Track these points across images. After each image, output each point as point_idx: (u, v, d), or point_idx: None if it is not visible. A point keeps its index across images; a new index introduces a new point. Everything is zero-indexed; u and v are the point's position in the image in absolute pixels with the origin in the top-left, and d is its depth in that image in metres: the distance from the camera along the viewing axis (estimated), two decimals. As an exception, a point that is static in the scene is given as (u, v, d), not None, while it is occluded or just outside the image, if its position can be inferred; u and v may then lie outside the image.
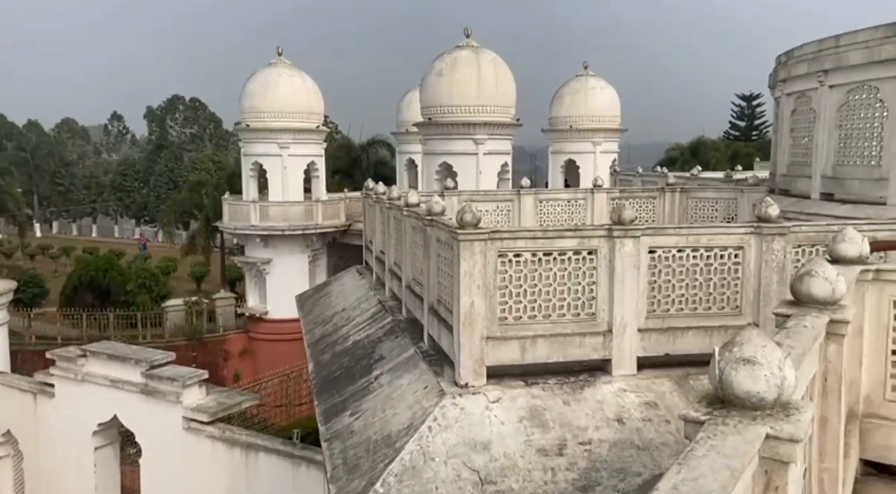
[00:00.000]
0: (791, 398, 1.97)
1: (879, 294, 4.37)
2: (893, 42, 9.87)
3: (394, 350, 8.56)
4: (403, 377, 7.53)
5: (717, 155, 54.39)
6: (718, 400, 2.07)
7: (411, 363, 7.73)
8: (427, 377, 7.08)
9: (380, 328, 9.72)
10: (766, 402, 1.94)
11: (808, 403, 2.03)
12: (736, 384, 1.98)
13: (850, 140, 11.09)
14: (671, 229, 7.10)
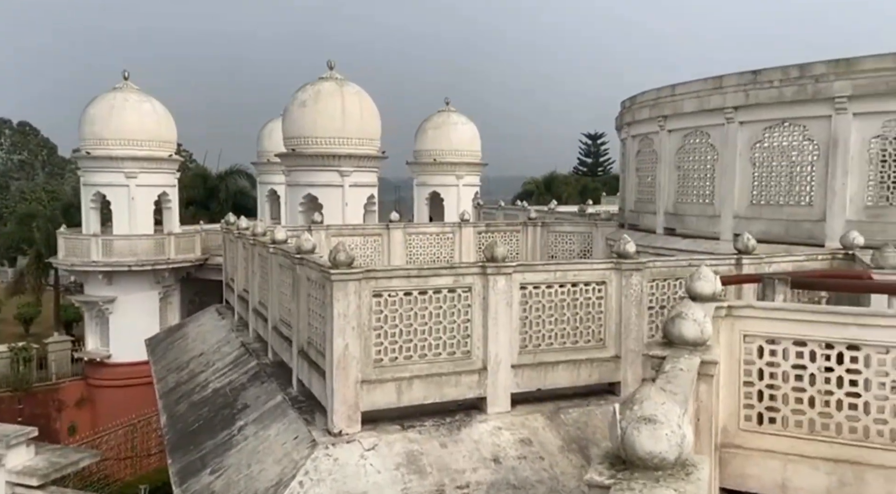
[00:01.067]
0: (688, 455, 1.95)
1: (731, 329, 4.70)
2: (719, 93, 11.12)
3: (260, 398, 7.95)
4: (271, 428, 6.98)
5: (569, 189, 58.25)
6: (620, 460, 2.00)
7: (279, 412, 7.20)
8: (297, 426, 6.61)
9: (243, 374, 9.02)
10: (668, 462, 1.90)
11: (703, 459, 2.04)
12: (638, 444, 1.93)
13: (687, 180, 12.25)
14: (541, 265, 7.30)
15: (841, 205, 9.86)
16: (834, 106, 9.77)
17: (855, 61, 9.59)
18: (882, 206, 9.66)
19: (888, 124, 9.50)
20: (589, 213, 18.07)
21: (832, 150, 9.89)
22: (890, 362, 4.27)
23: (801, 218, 10.33)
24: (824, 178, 10.01)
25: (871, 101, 9.50)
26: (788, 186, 10.54)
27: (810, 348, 4.48)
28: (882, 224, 9.59)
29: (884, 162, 9.62)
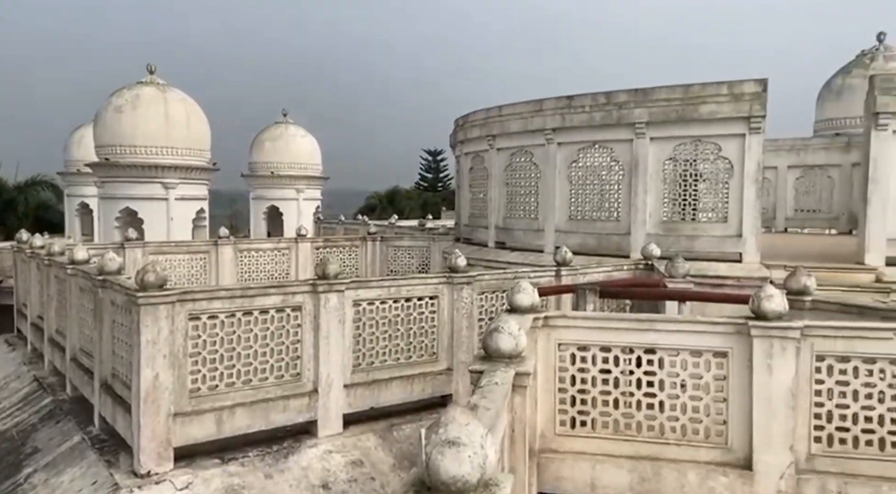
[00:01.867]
0: (491, 474, 1.95)
1: (548, 339, 4.97)
2: (540, 115, 11.91)
3: (53, 440, 6.97)
4: (65, 473, 6.13)
5: (411, 203, 59.23)
6: (426, 487, 1.96)
7: (77, 454, 6.36)
8: (97, 469, 5.87)
9: (35, 413, 7.87)
10: (470, 485, 1.89)
11: (507, 477, 2.06)
12: (442, 469, 1.89)
13: (515, 196, 12.94)
14: (374, 281, 7.22)
15: (642, 220, 10.97)
16: (635, 131, 10.89)
17: (650, 91, 10.77)
18: (675, 220, 10.90)
19: (678, 148, 10.77)
20: (428, 227, 18.43)
21: (634, 170, 10.99)
22: (679, 363, 4.75)
23: (610, 232, 11.33)
24: (628, 195, 11.09)
25: (664, 127, 10.72)
26: (600, 202, 11.53)
27: (614, 353, 4.85)
28: (676, 237, 10.81)
29: (675, 182, 10.88)
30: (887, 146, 9.78)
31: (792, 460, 4.45)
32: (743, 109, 10.16)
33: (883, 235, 9.87)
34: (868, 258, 9.90)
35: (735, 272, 10.07)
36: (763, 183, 21.19)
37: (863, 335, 4.48)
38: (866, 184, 9.96)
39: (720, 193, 10.58)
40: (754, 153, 10.22)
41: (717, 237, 10.59)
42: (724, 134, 10.41)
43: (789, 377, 4.49)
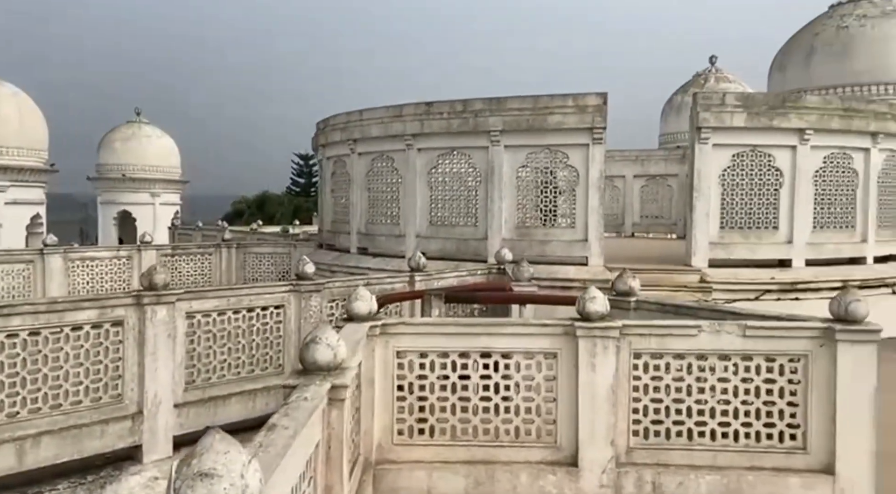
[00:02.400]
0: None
1: (386, 346, 4.87)
2: (400, 121, 11.90)
3: None
4: None
5: (282, 209, 57.29)
6: (175, 526, 1.73)
7: None
8: None
9: None
10: (224, 519, 1.70)
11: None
12: (190, 505, 1.68)
13: (377, 202, 12.82)
14: (211, 291, 6.76)
15: (498, 225, 11.27)
16: (490, 138, 11.18)
17: (504, 101, 11.12)
18: (529, 226, 11.32)
19: (530, 156, 11.20)
20: (291, 233, 17.82)
21: (490, 176, 11.28)
22: (513, 366, 4.83)
23: (469, 237, 11.54)
24: (486, 201, 11.36)
25: (517, 135, 11.10)
26: (459, 208, 11.71)
27: (452, 358, 4.84)
28: (529, 242, 11.22)
29: (528, 188, 11.30)
30: (708, 158, 10.77)
31: (613, 454, 4.66)
32: (586, 121, 10.76)
33: (706, 239, 10.84)
34: (694, 261, 10.83)
35: (582, 275, 10.62)
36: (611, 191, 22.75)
37: (673, 332, 4.80)
38: (692, 192, 10.89)
39: (568, 199, 11.12)
40: (597, 162, 10.85)
41: (566, 242, 11.11)
42: (570, 144, 10.95)
43: (610, 375, 4.71)
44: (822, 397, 4.61)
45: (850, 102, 11.17)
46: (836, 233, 11.15)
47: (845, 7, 23.64)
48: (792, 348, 4.70)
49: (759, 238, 10.93)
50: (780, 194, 10.88)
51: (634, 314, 6.16)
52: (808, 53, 23.63)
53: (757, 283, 10.53)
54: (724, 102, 10.70)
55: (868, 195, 11.26)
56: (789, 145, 10.80)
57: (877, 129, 11.12)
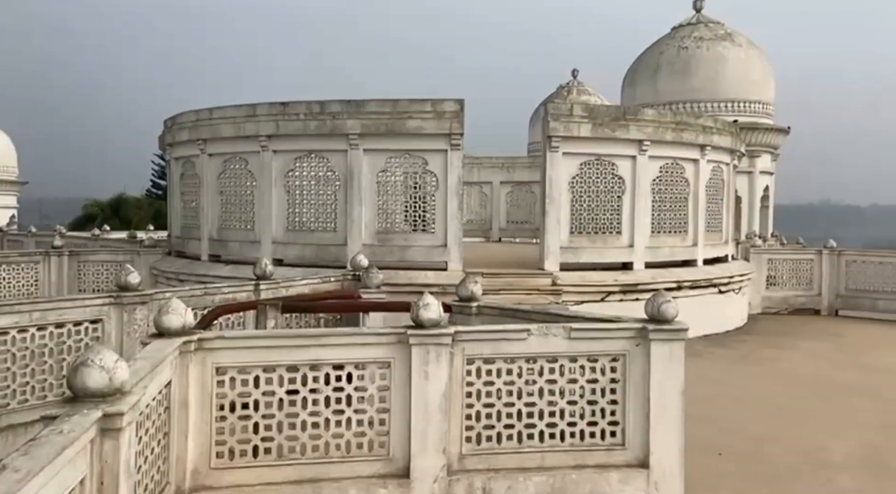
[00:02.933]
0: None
1: (203, 363, 4.49)
2: (254, 121, 11.34)
3: None
4: None
5: (141, 213, 53.18)
6: None
7: None
8: None
9: None
10: None
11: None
12: None
13: (230, 206, 12.12)
14: (7, 305, 5.95)
15: (358, 230, 11.06)
16: (349, 141, 10.95)
17: (362, 103, 10.94)
18: (390, 231, 11.20)
19: (390, 161, 11.09)
20: (139, 240, 16.46)
21: (350, 181, 11.04)
22: (345, 377, 4.63)
23: (328, 243, 11.22)
24: (345, 206, 11.10)
25: (376, 139, 10.96)
26: (317, 213, 11.35)
27: (278, 373, 4.56)
28: (390, 247, 11.10)
29: (388, 193, 11.18)
30: (559, 166, 11.25)
31: (445, 462, 4.61)
32: (444, 127, 10.84)
33: (557, 244, 11.30)
34: (546, 265, 11.25)
35: (441, 280, 10.66)
36: (480, 197, 23.26)
37: (505, 336, 4.84)
38: (544, 199, 11.32)
39: (428, 205, 11.13)
40: (456, 168, 10.96)
41: (426, 247, 11.11)
42: (429, 149, 10.98)
43: (444, 382, 4.65)
44: (639, 394, 4.84)
45: (682, 116, 12.17)
46: (671, 237, 12.06)
47: (685, 29, 25.90)
48: (612, 348, 4.90)
49: (604, 243, 11.57)
50: (622, 201, 11.58)
51: (477, 318, 6.19)
52: (655, 71, 25.62)
53: (602, 285, 11.12)
54: (572, 112, 11.23)
55: (698, 203, 12.30)
56: (630, 155, 11.54)
57: (704, 141, 12.18)
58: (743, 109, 24.79)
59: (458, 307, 6.24)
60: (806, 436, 6.56)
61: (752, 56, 25.42)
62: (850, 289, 14.34)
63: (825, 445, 6.32)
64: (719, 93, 24.40)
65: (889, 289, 13.81)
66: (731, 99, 24.39)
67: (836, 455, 6.11)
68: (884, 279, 13.87)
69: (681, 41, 25.76)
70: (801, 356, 10.44)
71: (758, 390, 8.37)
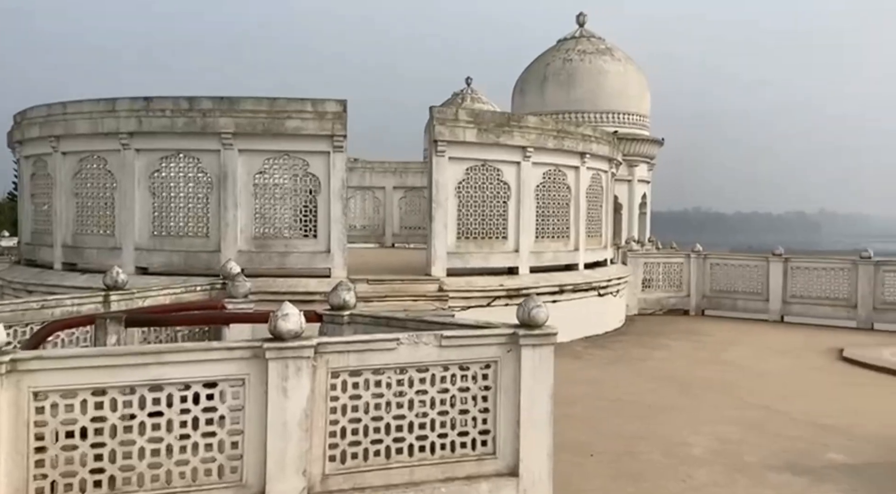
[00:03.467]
0: None
1: (17, 387, 3.87)
2: (113, 116, 10.37)
3: None
4: None
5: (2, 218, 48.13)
6: None
7: None
8: None
9: None
10: None
11: None
12: None
13: (87, 209, 11.02)
14: None
15: (233, 236, 10.38)
16: (222, 141, 10.26)
17: (237, 101, 10.29)
18: (268, 236, 10.61)
19: (269, 162, 10.52)
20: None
21: (223, 183, 10.35)
22: (191, 397, 4.17)
23: (199, 249, 10.45)
24: (218, 209, 10.38)
25: (252, 139, 10.35)
26: (187, 217, 10.56)
27: (111, 396, 4.02)
28: (268, 254, 10.52)
29: (266, 196, 10.59)
30: (445, 170, 11.17)
31: (305, 485, 4.26)
32: (326, 128, 10.43)
33: (444, 249, 11.20)
34: (433, 270, 11.11)
35: (323, 288, 10.20)
36: (373, 202, 22.89)
37: (373, 347, 4.57)
38: (431, 204, 11.19)
39: (310, 209, 10.65)
40: (339, 171, 10.57)
41: (308, 253, 10.63)
42: (310, 151, 10.53)
43: (304, 398, 4.30)
44: (510, 401, 4.73)
45: (563, 124, 12.50)
46: (554, 242, 12.32)
47: (569, 43, 27.00)
48: (484, 355, 4.77)
49: (491, 247, 11.61)
50: (508, 206, 11.68)
51: (349, 328, 5.88)
52: (542, 81, 26.48)
53: (488, 290, 11.14)
54: (458, 117, 11.19)
55: (579, 208, 12.66)
56: (515, 161, 11.67)
57: (584, 149, 12.57)
58: (622, 120, 26.14)
59: (329, 317, 5.90)
60: (670, 433, 6.78)
61: (629, 70, 26.88)
62: (714, 290, 15.36)
63: (687, 440, 6.56)
64: (601, 104, 25.59)
65: (747, 290, 14.93)
66: (612, 110, 25.65)
67: (695, 449, 6.35)
68: (743, 281, 14.97)
69: (566, 54, 26.80)
70: (669, 354, 10.97)
71: (630, 389, 8.64)
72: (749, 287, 14.89)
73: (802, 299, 14.45)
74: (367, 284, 10.61)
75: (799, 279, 14.50)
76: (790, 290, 14.55)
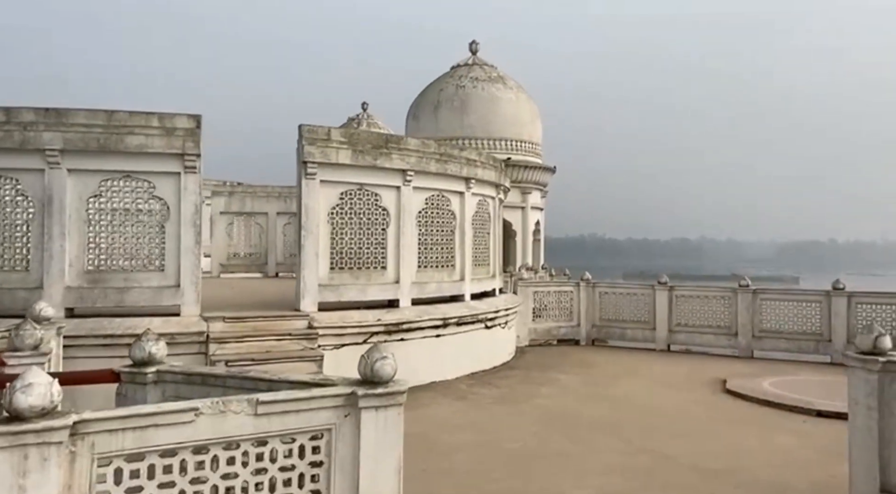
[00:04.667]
0: None
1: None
2: None
3: None
4: None
5: None
6: None
7: None
8: None
9: None
10: None
11: None
12: None
13: None
14: None
15: (59, 270, 8.82)
16: (46, 159, 8.75)
17: (66, 113, 8.83)
18: (104, 270, 9.10)
19: (106, 184, 9.08)
20: None
21: (48, 208, 8.80)
22: None
23: (16, 285, 8.80)
24: (41, 239, 8.80)
25: (85, 158, 8.90)
26: (2, 247, 8.87)
27: None
28: (104, 289, 9.03)
29: (109, 224, 9.11)
30: (316, 194, 10.16)
31: None
32: (176, 145, 9.17)
33: (315, 281, 10.13)
34: (303, 305, 10.01)
35: (170, 328, 8.86)
36: (256, 228, 21.32)
37: (160, 421, 3.48)
38: (300, 231, 10.12)
39: (156, 237, 9.28)
40: (191, 194, 9.30)
41: (153, 288, 9.22)
42: (156, 171, 9.21)
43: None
44: (347, 479, 3.79)
45: (446, 147, 11.85)
46: (438, 272, 11.57)
47: (462, 69, 26.90)
48: (314, 422, 3.80)
49: (368, 279, 10.67)
50: (387, 234, 10.82)
51: (156, 388, 4.72)
52: (436, 106, 26.12)
53: (365, 325, 10.17)
54: (330, 137, 10.26)
55: (465, 236, 12.02)
56: (394, 186, 10.87)
57: (469, 174, 11.99)
58: (515, 147, 26.21)
59: (128, 375, 4.71)
60: (551, 485, 6.07)
61: (521, 99, 27.11)
62: (604, 319, 15.18)
63: None
64: (493, 131, 25.53)
65: (635, 318, 14.84)
66: (505, 137, 25.66)
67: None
68: (630, 309, 14.87)
69: (458, 80, 26.65)
70: (557, 390, 10.42)
71: (516, 433, 7.91)
72: (636, 316, 14.81)
73: (687, 327, 14.51)
74: (223, 322, 9.33)
75: (683, 308, 14.57)
76: (675, 318, 14.59)
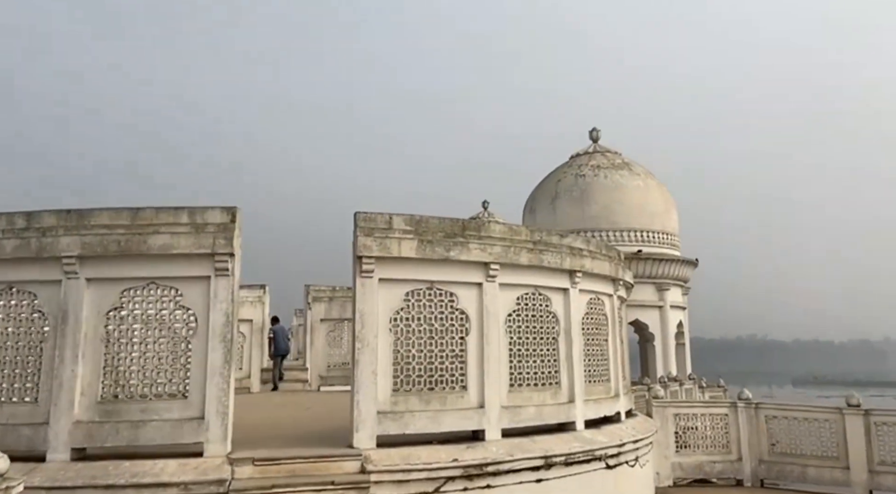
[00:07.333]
0: None
1: None
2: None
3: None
4: None
5: None
6: None
7: None
8: None
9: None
10: None
11: None
12: None
13: None
14: None
15: (69, 400, 7.38)
16: (63, 268, 7.61)
17: (87, 214, 7.73)
18: (119, 399, 7.54)
19: (128, 294, 7.71)
20: None
21: (62, 326, 7.55)
22: None
23: (20, 421, 7.43)
24: (52, 363, 7.49)
25: (104, 264, 7.67)
26: (12, 375, 7.64)
27: None
28: (116, 423, 7.41)
29: (124, 342, 7.67)
30: (374, 296, 8.16)
31: None
32: (205, 244, 7.71)
33: (373, 406, 7.89)
34: (356, 439, 7.75)
35: (186, 475, 6.97)
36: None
37: None
38: (355, 343, 8.07)
39: (181, 356, 7.66)
40: (222, 302, 7.69)
41: (172, 422, 7.46)
42: (183, 276, 7.75)
43: None
44: None
45: (541, 233, 9.49)
46: (537, 392, 8.86)
47: (582, 158, 24.95)
48: None
49: (442, 403, 8.23)
50: (467, 343, 8.46)
51: None
52: (553, 198, 24.11)
53: (436, 468, 7.63)
54: (392, 225, 8.37)
55: (572, 344, 9.31)
56: (474, 283, 8.64)
57: (573, 266, 9.48)
58: (646, 239, 23.19)
59: None
60: None
61: (651, 186, 24.39)
62: (774, 453, 11.22)
63: None
64: (619, 222, 22.83)
65: (818, 453, 10.79)
66: (632, 228, 22.82)
67: None
68: (811, 441, 10.87)
69: (578, 169, 24.64)
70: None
71: None
72: (821, 449, 10.78)
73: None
74: (252, 466, 7.28)
75: (888, 440, 10.40)
76: (878, 455, 10.41)
